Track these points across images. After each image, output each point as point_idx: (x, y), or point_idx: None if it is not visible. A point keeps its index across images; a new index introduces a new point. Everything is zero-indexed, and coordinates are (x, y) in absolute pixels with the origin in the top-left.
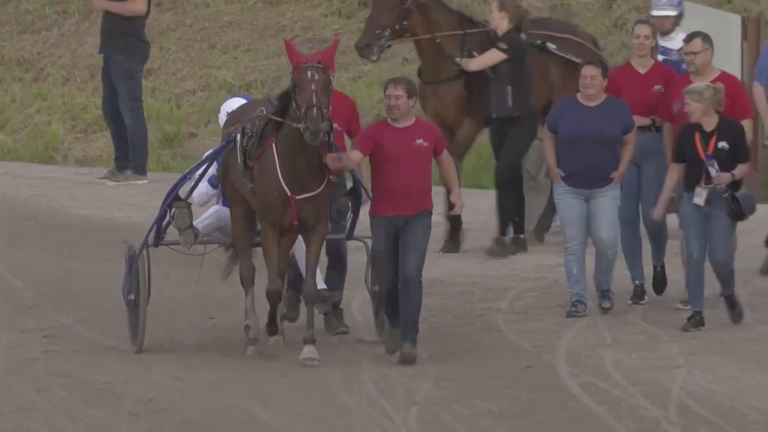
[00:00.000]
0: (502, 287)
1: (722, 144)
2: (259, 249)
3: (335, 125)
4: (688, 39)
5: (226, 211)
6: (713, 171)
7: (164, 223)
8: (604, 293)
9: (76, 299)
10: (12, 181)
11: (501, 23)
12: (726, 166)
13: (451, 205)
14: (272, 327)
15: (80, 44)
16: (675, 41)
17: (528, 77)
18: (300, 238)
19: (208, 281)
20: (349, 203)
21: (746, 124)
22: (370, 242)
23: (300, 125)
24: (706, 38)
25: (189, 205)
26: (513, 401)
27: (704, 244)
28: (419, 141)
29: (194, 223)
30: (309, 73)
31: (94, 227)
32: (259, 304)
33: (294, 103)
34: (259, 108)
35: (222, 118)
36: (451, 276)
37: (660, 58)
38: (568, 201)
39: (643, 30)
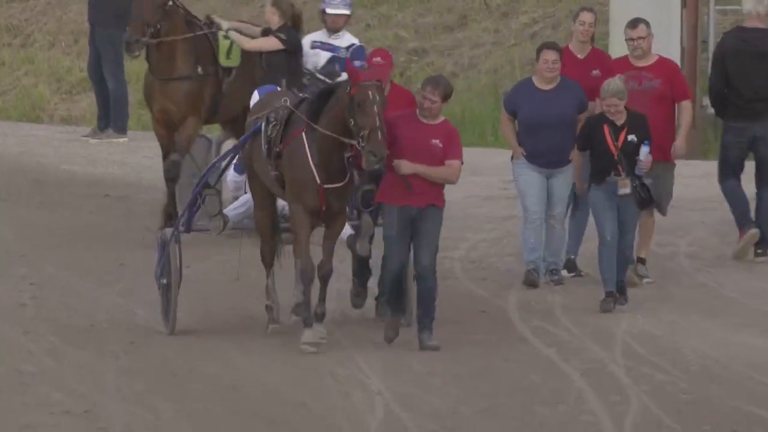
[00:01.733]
0: (458, 238)
1: (631, 137)
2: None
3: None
4: (633, 25)
5: None
6: (645, 155)
7: (195, 209)
8: (554, 271)
9: (62, 249)
10: (2, 140)
11: (272, 18)
12: (632, 158)
13: None
14: (306, 312)
15: (65, 12)
16: (343, 39)
17: (300, 72)
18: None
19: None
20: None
21: (686, 105)
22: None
23: (359, 144)
24: (648, 24)
25: (219, 192)
26: (467, 344)
27: (617, 228)
28: (435, 141)
29: (226, 211)
30: (371, 94)
31: (79, 182)
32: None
33: (353, 120)
34: (282, 98)
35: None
36: None
37: (328, 55)
38: (529, 175)
39: (588, 17)
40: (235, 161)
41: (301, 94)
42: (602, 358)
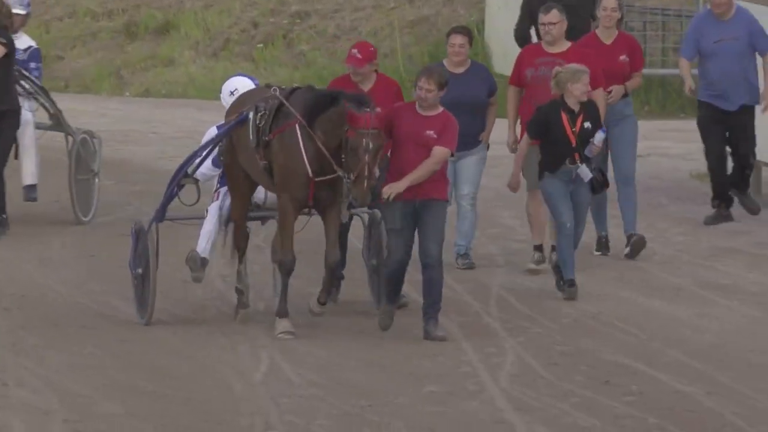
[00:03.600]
0: None
1: (587, 124)
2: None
3: (379, 109)
4: (546, 10)
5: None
6: (599, 141)
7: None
8: (464, 255)
9: None
10: None
11: None
12: (587, 144)
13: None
14: (283, 304)
15: None
16: (21, 41)
17: (12, 75)
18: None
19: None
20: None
21: (599, 92)
22: (366, 217)
23: (345, 180)
24: (561, 10)
25: (197, 181)
26: (353, 300)
27: (573, 215)
28: (429, 132)
29: (198, 249)
30: (365, 142)
31: None
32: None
33: (343, 157)
34: (272, 88)
35: (225, 97)
36: None
37: None
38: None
39: (610, 3)
40: (213, 154)
41: (275, 88)
42: (478, 312)
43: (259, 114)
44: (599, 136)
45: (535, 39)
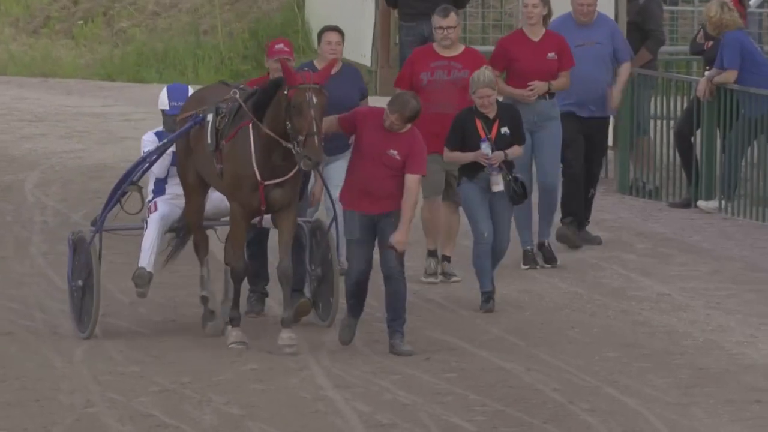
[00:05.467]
0: None
1: (504, 129)
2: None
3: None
4: (444, 13)
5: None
6: (488, 151)
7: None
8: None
9: None
10: None
11: None
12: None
13: None
14: (234, 312)
15: None
16: None
17: None
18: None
19: None
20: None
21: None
22: (307, 226)
23: (295, 148)
24: (457, 13)
25: (141, 188)
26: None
27: (491, 225)
28: (392, 152)
29: (142, 263)
30: (307, 96)
31: None
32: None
33: (289, 124)
34: (232, 89)
35: (163, 101)
36: (116, 161)
37: None
38: None
39: None
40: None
41: (241, 87)
42: (302, 290)
43: (219, 116)
44: (484, 147)
45: None
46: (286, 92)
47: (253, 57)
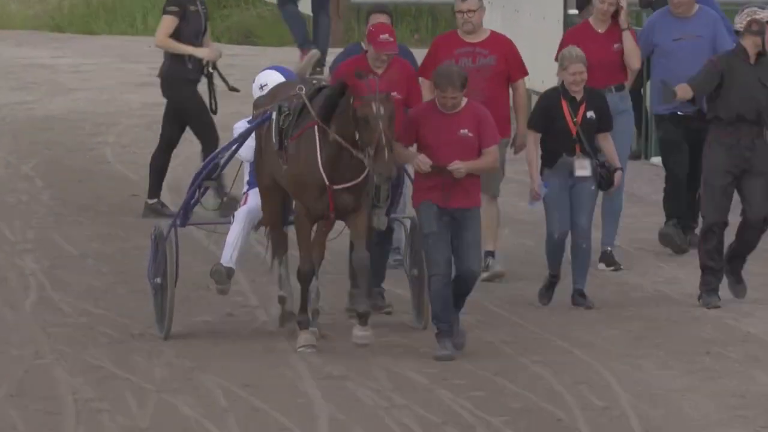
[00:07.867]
0: (111, 123)
1: (590, 114)
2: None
3: (394, 94)
4: None
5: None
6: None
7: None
8: None
9: None
10: None
11: None
12: (591, 136)
13: None
14: (302, 315)
15: None
16: None
17: None
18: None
19: None
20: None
21: (522, 84)
22: (408, 222)
23: (365, 159)
24: None
25: (219, 183)
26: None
27: (568, 221)
28: (463, 131)
29: (223, 261)
30: (374, 106)
31: None
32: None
33: (357, 134)
34: (298, 86)
35: (255, 90)
36: (65, 113)
37: None
38: None
39: None
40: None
41: (316, 83)
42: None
43: (283, 115)
44: (543, 190)
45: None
46: (352, 101)
47: None
